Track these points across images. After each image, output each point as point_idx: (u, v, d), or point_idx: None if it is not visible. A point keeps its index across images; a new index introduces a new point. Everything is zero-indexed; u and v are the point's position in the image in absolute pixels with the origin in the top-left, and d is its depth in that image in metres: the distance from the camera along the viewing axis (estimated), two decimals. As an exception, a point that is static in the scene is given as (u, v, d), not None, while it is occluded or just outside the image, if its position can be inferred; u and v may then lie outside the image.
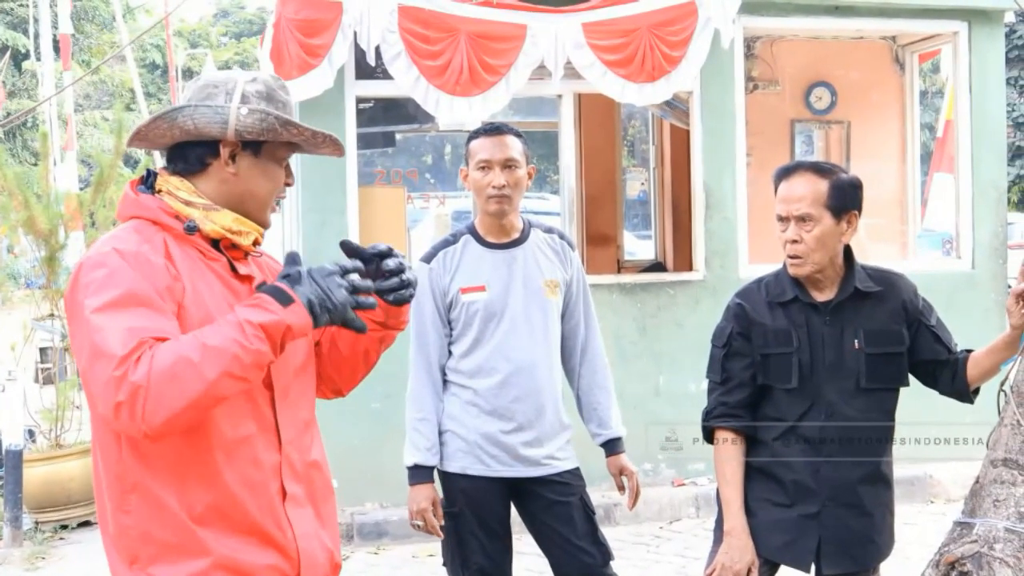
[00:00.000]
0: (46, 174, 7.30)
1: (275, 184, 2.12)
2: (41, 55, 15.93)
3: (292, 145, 2.13)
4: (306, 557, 2.05)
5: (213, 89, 2.06)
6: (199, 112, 2.03)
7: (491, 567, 3.40)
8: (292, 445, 2.07)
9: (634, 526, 5.99)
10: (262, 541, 1.99)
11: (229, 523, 1.96)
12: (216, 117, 2.01)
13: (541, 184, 22.20)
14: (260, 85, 2.08)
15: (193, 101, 2.05)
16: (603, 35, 6.20)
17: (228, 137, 2.03)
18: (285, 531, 2.02)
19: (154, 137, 2.07)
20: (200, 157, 2.06)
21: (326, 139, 2.13)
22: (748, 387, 3.03)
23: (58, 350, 7.17)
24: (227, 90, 2.05)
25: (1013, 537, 2.63)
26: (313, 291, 1.94)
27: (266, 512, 2.00)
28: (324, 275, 1.97)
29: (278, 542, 2.01)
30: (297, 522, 2.05)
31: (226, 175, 2.07)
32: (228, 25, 35.37)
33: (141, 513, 1.94)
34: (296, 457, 2.07)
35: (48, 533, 6.28)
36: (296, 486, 2.06)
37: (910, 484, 6.23)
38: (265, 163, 2.09)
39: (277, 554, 2.01)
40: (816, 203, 2.92)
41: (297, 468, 2.07)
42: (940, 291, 6.07)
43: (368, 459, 5.80)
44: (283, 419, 2.05)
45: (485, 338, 3.36)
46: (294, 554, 2.03)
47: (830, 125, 8.47)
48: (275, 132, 2.05)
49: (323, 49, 5.85)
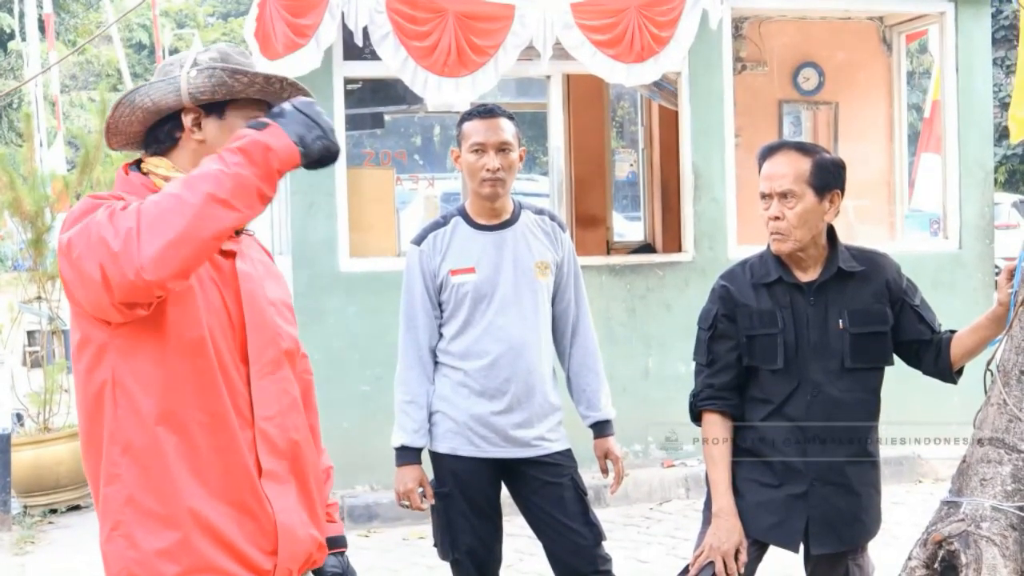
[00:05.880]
0: (31, 155, 7.25)
1: None
2: (26, 35, 15.81)
3: (259, 104, 2.11)
4: (284, 532, 2.05)
5: (170, 66, 2.10)
6: (154, 88, 2.05)
7: (480, 548, 3.42)
8: (271, 422, 2.06)
9: (624, 507, 6.02)
10: (240, 511, 2.00)
11: (211, 490, 1.97)
12: (169, 87, 2.03)
13: (530, 165, 22.16)
14: (214, 52, 2.10)
15: (153, 80, 2.08)
16: (592, 15, 6.18)
17: (185, 103, 2.04)
18: (264, 505, 2.02)
19: (125, 127, 2.09)
20: (169, 132, 2.08)
21: (283, 83, 2.10)
22: (734, 369, 3.04)
23: (46, 333, 7.14)
24: (180, 62, 2.09)
25: (999, 516, 2.65)
26: (299, 120, 1.91)
27: (244, 485, 2.00)
28: (306, 104, 1.95)
29: (255, 514, 2.01)
30: (276, 497, 2.04)
31: (195, 144, 2.08)
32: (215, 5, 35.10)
33: (129, 477, 1.95)
34: (275, 433, 2.06)
35: (37, 517, 6.27)
36: (276, 462, 2.06)
37: (899, 464, 6.27)
38: (233, 123, 2.07)
39: (254, 525, 2.01)
40: (798, 180, 2.94)
41: (277, 444, 2.07)
42: (927, 271, 6.11)
43: (358, 442, 5.80)
44: (259, 396, 2.05)
45: (475, 320, 3.36)
46: (270, 527, 2.03)
47: (818, 106, 8.47)
48: (227, 87, 2.04)
49: (310, 29, 5.82)
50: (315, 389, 2.37)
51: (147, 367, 1.94)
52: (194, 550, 1.95)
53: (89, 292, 1.84)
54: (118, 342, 1.94)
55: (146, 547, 1.94)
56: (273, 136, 1.88)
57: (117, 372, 1.94)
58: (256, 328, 2.07)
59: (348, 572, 2.35)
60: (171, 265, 1.79)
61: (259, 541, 2.02)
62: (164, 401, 1.94)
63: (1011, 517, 2.65)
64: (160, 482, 1.95)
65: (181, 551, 1.94)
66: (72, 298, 1.93)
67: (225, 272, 2.05)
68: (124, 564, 1.96)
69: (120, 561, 1.97)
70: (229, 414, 2.00)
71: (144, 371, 1.94)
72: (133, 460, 1.95)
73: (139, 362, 1.94)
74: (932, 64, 7.97)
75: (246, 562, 2.00)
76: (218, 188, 1.82)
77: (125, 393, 1.94)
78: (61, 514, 6.38)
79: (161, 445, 1.94)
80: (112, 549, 1.98)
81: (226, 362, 2.00)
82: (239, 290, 2.06)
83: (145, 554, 1.94)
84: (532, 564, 4.95)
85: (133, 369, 1.94)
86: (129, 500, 1.95)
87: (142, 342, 1.93)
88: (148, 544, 1.94)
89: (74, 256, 1.83)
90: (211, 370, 1.98)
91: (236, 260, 2.08)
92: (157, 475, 1.95)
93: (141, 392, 1.94)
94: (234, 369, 2.02)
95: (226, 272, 2.05)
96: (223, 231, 1.84)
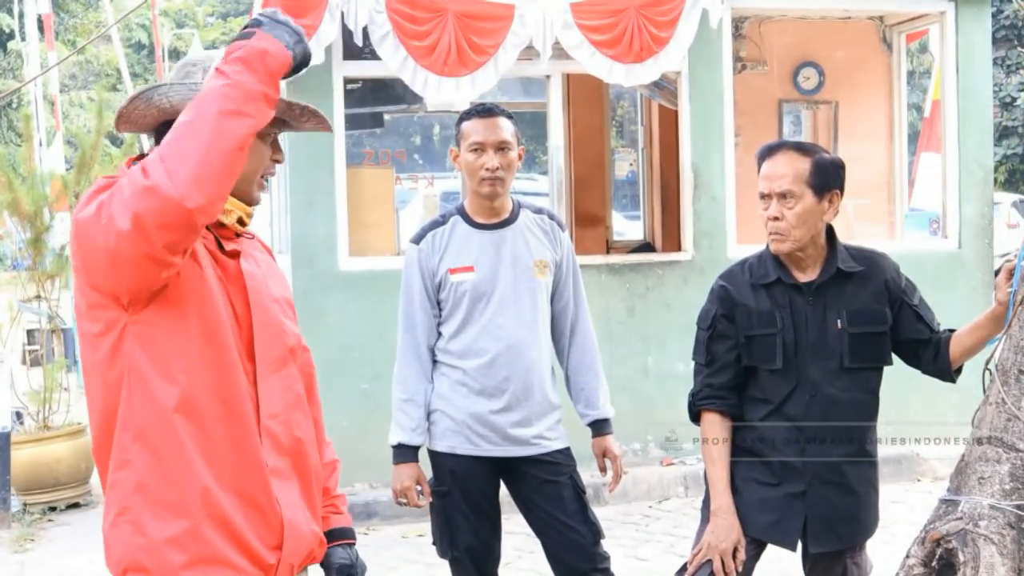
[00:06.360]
0: (30, 155, 7.26)
1: (260, 161, 2.12)
2: (26, 35, 15.81)
3: (275, 121, 2.12)
4: (290, 527, 2.06)
5: (191, 68, 2.09)
6: (174, 90, 2.04)
7: (479, 546, 3.42)
8: (276, 419, 2.07)
9: (623, 505, 6.02)
10: (250, 505, 2.00)
11: (223, 481, 1.97)
12: (190, 94, 2.01)
13: (530, 165, 22.16)
14: None
15: (172, 80, 2.07)
16: (591, 15, 6.19)
17: None
18: (272, 500, 2.03)
19: (136, 118, 2.08)
20: None
21: (304, 111, 2.13)
22: (733, 369, 3.05)
23: (45, 332, 7.14)
24: (204, 68, 2.07)
25: (998, 514, 2.65)
26: (280, 27, 1.94)
27: (255, 479, 2.01)
28: (278, 13, 1.97)
29: (263, 508, 2.02)
30: (281, 494, 2.05)
31: None
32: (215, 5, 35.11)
33: (141, 463, 1.94)
34: (280, 431, 2.07)
35: (36, 515, 6.28)
36: (279, 459, 2.07)
37: (897, 463, 6.28)
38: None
39: (262, 520, 2.02)
40: (798, 180, 2.94)
41: (282, 441, 2.08)
42: (926, 271, 6.10)
43: (357, 440, 5.80)
44: (265, 393, 2.06)
45: (474, 318, 3.37)
46: (277, 523, 2.04)
47: (818, 105, 8.47)
48: None
49: (310, 29, 5.82)
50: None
51: (168, 354, 1.94)
52: (203, 540, 1.94)
53: (124, 250, 1.81)
54: (137, 329, 1.93)
55: (154, 534, 1.94)
56: (262, 40, 1.90)
57: (134, 360, 1.94)
58: (262, 326, 2.08)
59: (357, 564, 2.35)
60: (208, 185, 1.80)
61: (265, 536, 2.02)
62: (185, 389, 1.95)
63: (1009, 516, 2.65)
64: (173, 470, 1.94)
65: (190, 540, 1.94)
66: (93, 283, 1.91)
67: (230, 272, 2.06)
68: (129, 550, 1.95)
69: (125, 547, 1.95)
70: (245, 405, 2.01)
71: (165, 358, 1.94)
72: (144, 447, 1.95)
73: (160, 349, 1.94)
74: (932, 64, 7.98)
75: (252, 555, 2.00)
76: (227, 102, 1.84)
77: (141, 380, 1.94)
78: (60, 512, 6.38)
79: (177, 433, 1.94)
80: (117, 534, 1.97)
81: (234, 361, 2.01)
82: (245, 289, 2.07)
83: (153, 541, 1.94)
84: (531, 562, 4.95)
85: (153, 356, 1.94)
86: (140, 486, 1.95)
87: (163, 330, 1.94)
88: (157, 532, 1.94)
89: (103, 222, 1.82)
90: (230, 360, 1.99)
91: (240, 260, 2.09)
92: (170, 462, 1.94)
93: (161, 379, 1.94)
94: (242, 366, 2.03)
95: (231, 272, 2.06)
96: (243, 139, 1.85)
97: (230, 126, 1.83)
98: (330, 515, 2.34)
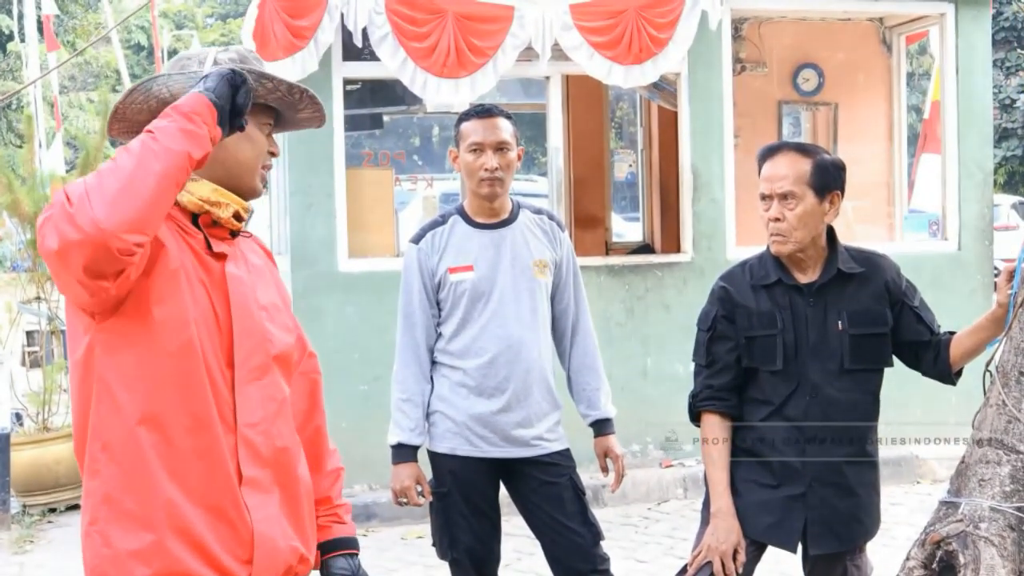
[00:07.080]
0: (31, 157, 7.25)
1: (258, 149, 2.11)
2: (25, 36, 15.79)
3: (271, 110, 2.12)
4: (262, 541, 2.00)
5: (187, 61, 2.10)
6: (173, 80, 2.05)
7: (479, 547, 3.41)
8: (254, 428, 2.02)
9: (623, 507, 6.02)
10: (217, 517, 1.96)
11: (189, 493, 1.94)
12: (189, 83, 2.01)
13: (529, 166, 22.16)
14: (232, 53, 2.10)
15: (170, 72, 2.07)
16: (590, 16, 6.19)
17: None
18: (243, 512, 1.99)
19: (132, 114, 2.07)
20: None
21: (303, 95, 2.11)
22: (733, 370, 3.04)
23: (44, 333, 7.15)
24: (200, 59, 2.08)
25: (998, 516, 2.65)
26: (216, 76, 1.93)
27: (223, 491, 1.97)
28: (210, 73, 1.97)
29: (232, 521, 1.98)
30: (256, 506, 2.00)
31: None
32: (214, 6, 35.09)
33: (108, 474, 1.93)
34: (259, 440, 2.03)
35: (36, 516, 6.27)
36: (259, 470, 2.02)
37: (897, 465, 6.27)
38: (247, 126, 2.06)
39: (230, 532, 1.97)
40: (799, 181, 2.94)
41: (261, 451, 2.03)
42: (926, 272, 6.10)
43: (357, 441, 5.78)
44: (243, 402, 2.02)
45: (473, 318, 3.36)
46: (247, 536, 1.99)
47: (817, 107, 8.47)
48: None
49: (309, 31, 5.83)
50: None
51: (131, 366, 1.92)
52: (167, 553, 1.92)
53: (55, 268, 1.82)
54: (103, 337, 1.92)
55: (120, 546, 1.92)
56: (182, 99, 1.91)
57: (101, 369, 1.93)
58: (243, 333, 2.03)
59: (358, 575, 2.29)
60: (124, 211, 1.77)
61: (234, 549, 1.98)
62: (147, 402, 1.92)
63: (1009, 518, 2.65)
64: (138, 482, 1.92)
65: (154, 553, 1.91)
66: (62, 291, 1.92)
67: (215, 275, 2.03)
68: (98, 561, 1.95)
69: (95, 558, 1.96)
70: (213, 418, 1.97)
71: (128, 370, 1.92)
72: (111, 458, 1.93)
73: (123, 361, 1.92)
74: (932, 65, 7.98)
75: (220, 568, 1.95)
76: (149, 142, 1.84)
77: (107, 390, 1.93)
78: (60, 513, 6.38)
79: (141, 445, 1.92)
80: (88, 544, 1.97)
81: (212, 366, 1.98)
82: (228, 293, 2.03)
83: (118, 553, 1.92)
84: (530, 563, 4.95)
85: (117, 367, 1.92)
86: (106, 498, 1.94)
87: (127, 341, 1.92)
88: (122, 544, 1.92)
89: (42, 238, 1.81)
90: (197, 373, 1.95)
91: (227, 263, 2.06)
92: (135, 475, 1.92)
93: (124, 391, 1.92)
94: (219, 373, 1.99)
95: (216, 275, 2.03)
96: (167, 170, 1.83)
97: (151, 154, 1.83)
98: (332, 524, 2.29)
